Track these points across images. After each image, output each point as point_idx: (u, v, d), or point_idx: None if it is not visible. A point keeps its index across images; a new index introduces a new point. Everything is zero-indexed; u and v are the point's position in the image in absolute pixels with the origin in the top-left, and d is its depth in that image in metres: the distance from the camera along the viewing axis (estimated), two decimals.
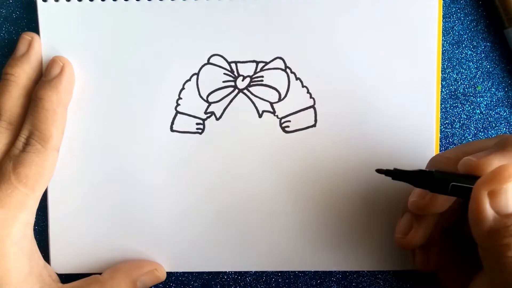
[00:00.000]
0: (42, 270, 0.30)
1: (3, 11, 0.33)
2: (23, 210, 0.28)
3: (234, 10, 0.31)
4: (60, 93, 0.30)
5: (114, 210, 0.32)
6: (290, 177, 0.32)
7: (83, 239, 0.32)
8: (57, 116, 0.29)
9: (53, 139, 0.29)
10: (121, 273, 0.31)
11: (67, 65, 0.31)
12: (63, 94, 0.30)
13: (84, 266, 0.32)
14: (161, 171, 0.32)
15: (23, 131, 0.29)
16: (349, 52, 0.31)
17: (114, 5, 0.31)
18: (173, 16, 0.31)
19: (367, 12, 0.31)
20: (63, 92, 0.30)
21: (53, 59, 0.31)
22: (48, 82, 0.30)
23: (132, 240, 0.32)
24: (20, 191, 0.28)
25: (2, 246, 0.27)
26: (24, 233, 0.29)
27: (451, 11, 0.33)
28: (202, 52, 0.32)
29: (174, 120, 0.32)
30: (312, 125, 0.32)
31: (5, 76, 0.30)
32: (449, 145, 0.33)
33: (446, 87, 0.33)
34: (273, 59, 0.32)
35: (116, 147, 0.32)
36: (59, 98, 0.30)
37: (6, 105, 0.30)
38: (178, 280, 0.33)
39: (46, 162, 0.29)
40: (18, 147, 0.29)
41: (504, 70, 0.33)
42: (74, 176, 0.32)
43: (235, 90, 0.32)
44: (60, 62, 0.30)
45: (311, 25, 0.31)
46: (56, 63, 0.30)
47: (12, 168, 0.28)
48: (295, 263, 0.32)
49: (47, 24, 0.31)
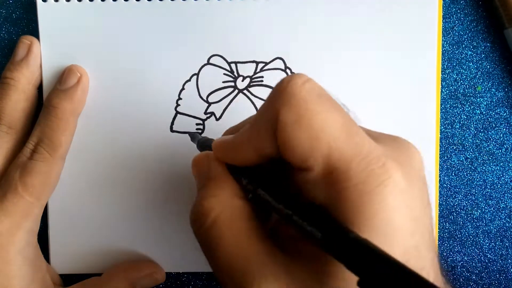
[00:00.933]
0: (45, 275, 0.30)
1: (3, 11, 0.33)
2: (28, 218, 0.28)
3: (234, 10, 0.31)
4: (75, 103, 0.30)
5: (114, 210, 0.32)
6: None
7: (83, 240, 0.32)
8: (68, 126, 0.29)
9: (62, 148, 0.29)
10: (120, 275, 0.31)
11: (84, 76, 0.30)
12: (77, 104, 0.30)
13: (84, 266, 0.32)
14: (161, 171, 0.32)
15: (32, 138, 0.29)
16: (348, 52, 0.31)
17: (114, 5, 0.31)
18: (173, 16, 0.31)
19: (367, 12, 0.31)
20: (77, 102, 0.30)
21: (70, 68, 0.31)
22: (63, 92, 0.30)
23: (132, 240, 0.32)
24: (26, 200, 0.28)
25: (6, 254, 0.28)
26: (28, 241, 0.29)
27: (451, 12, 0.33)
28: (202, 52, 0.32)
29: (174, 120, 0.32)
30: None
31: (4, 80, 0.30)
32: (449, 145, 0.33)
33: (446, 87, 0.33)
34: (273, 59, 0.32)
35: (116, 147, 0.32)
36: (73, 108, 0.30)
37: (5, 109, 0.29)
38: (178, 280, 0.33)
39: (52, 171, 0.29)
40: (25, 154, 0.29)
41: (504, 70, 0.33)
42: (74, 176, 0.32)
43: (235, 91, 0.32)
44: (78, 72, 0.30)
45: (311, 25, 0.31)
46: (73, 72, 0.30)
47: (19, 176, 0.28)
48: None
49: (46, 24, 0.31)
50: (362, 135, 0.19)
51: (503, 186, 0.33)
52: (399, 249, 0.18)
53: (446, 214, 0.33)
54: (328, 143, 0.19)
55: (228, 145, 0.22)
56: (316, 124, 0.19)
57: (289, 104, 0.19)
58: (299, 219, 0.19)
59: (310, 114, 0.19)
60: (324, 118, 0.19)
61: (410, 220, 0.18)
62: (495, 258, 0.34)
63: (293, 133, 0.19)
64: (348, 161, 0.18)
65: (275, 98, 0.20)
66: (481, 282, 0.34)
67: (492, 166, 0.33)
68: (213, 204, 0.21)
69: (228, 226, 0.21)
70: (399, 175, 0.18)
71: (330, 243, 0.18)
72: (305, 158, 0.19)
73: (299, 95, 0.19)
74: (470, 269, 0.34)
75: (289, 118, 0.19)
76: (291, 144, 0.19)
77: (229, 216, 0.21)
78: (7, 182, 0.28)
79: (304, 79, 0.20)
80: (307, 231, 0.19)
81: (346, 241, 0.17)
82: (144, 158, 0.32)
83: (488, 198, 0.33)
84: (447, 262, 0.34)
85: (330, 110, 0.20)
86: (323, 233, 0.18)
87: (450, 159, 0.33)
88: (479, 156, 0.33)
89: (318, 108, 0.19)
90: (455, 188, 0.33)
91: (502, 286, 0.34)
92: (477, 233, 0.34)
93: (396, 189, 0.18)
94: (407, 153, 0.21)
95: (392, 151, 0.20)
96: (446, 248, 0.34)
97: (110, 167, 0.32)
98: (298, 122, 0.19)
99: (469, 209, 0.33)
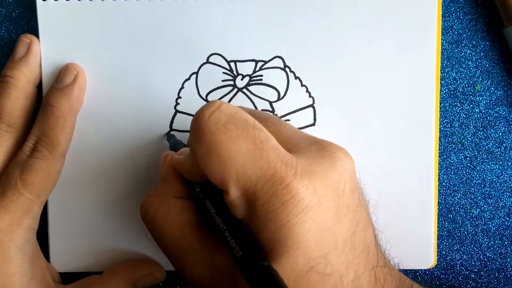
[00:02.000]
0: (45, 272, 0.30)
1: (3, 10, 0.33)
2: (28, 216, 0.28)
3: (234, 10, 0.31)
4: (72, 101, 0.30)
5: (114, 209, 0.32)
6: None
7: (82, 238, 0.32)
8: (66, 124, 0.29)
9: (61, 146, 0.29)
10: (120, 274, 0.31)
11: (80, 74, 0.31)
12: (74, 102, 0.30)
13: (84, 265, 0.32)
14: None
15: (31, 136, 0.29)
16: (348, 51, 0.31)
17: (113, 4, 0.31)
18: (172, 15, 0.31)
19: (366, 11, 0.31)
20: (74, 100, 0.30)
21: (66, 67, 0.31)
22: (60, 90, 0.30)
23: (132, 239, 0.32)
24: (26, 197, 0.28)
25: (5, 251, 0.28)
26: (28, 238, 0.29)
27: (450, 10, 0.33)
28: (201, 51, 0.32)
29: (173, 119, 0.32)
30: (311, 124, 0.32)
31: (4, 79, 0.30)
32: (448, 144, 0.33)
33: (445, 86, 0.33)
34: (272, 58, 0.32)
35: (116, 146, 0.32)
36: (70, 106, 0.30)
37: (5, 107, 0.29)
38: (178, 279, 0.33)
39: (52, 168, 0.29)
40: (25, 152, 0.29)
41: (503, 69, 0.33)
42: (74, 176, 0.32)
43: (235, 89, 0.32)
44: (74, 70, 0.30)
45: (310, 24, 0.31)
46: (69, 70, 0.30)
47: (19, 174, 0.28)
48: None
49: (46, 23, 0.31)
50: (268, 158, 0.21)
51: (502, 184, 0.33)
52: (302, 258, 0.21)
53: (445, 212, 0.33)
54: (235, 169, 0.21)
55: (180, 164, 0.26)
56: (222, 154, 0.21)
57: (199, 138, 0.22)
58: (229, 236, 0.22)
59: (216, 145, 0.22)
60: (229, 148, 0.21)
61: (317, 231, 0.21)
62: (494, 256, 0.34)
63: (206, 163, 0.22)
64: (254, 184, 0.21)
65: (191, 132, 0.23)
66: (480, 281, 0.34)
67: (491, 165, 0.33)
68: (153, 202, 0.25)
69: (164, 221, 0.25)
70: (305, 193, 0.21)
71: (244, 265, 0.21)
72: (220, 184, 0.22)
73: (206, 128, 0.22)
74: (469, 268, 0.34)
75: (200, 151, 0.22)
76: (208, 173, 0.22)
77: (165, 212, 0.25)
78: (7, 179, 0.28)
79: (212, 110, 0.22)
80: (232, 248, 0.22)
81: (257, 268, 0.20)
82: (144, 157, 0.32)
83: (487, 197, 0.33)
84: (446, 261, 0.34)
85: (235, 138, 0.22)
86: (242, 255, 0.21)
87: (449, 157, 0.33)
88: (478, 154, 0.33)
89: (223, 138, 0.22)
90: (454, 186, 0.33)
91: (501, 285, 0.34)
92: (476, 231, 0.34)
93: (298, 207, 0.21)
94: (326, 163, 0.23)
95: (309, 165, 0.22)
96: (445, 246, 0.34)
97: (110, 166, 0.32)
98: (208, 154, 0.22)
99: (468, 207, 0.33)
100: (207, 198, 0.24)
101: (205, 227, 0.25)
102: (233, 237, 0.22)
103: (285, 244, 0.21)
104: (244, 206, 0.22)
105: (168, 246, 0.25)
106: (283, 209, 0.21)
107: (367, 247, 0.23)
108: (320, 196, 0.21)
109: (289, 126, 0.25)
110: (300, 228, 0.21)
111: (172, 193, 0.26)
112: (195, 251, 0.24)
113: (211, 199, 0.24)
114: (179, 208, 0.25)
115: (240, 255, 0.21)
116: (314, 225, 0.21)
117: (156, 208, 0.25)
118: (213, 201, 0.24)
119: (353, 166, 0.24)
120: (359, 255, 0.22)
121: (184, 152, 0.27)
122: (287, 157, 0.22)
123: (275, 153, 0.22)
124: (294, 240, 0.21)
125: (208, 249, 0.24)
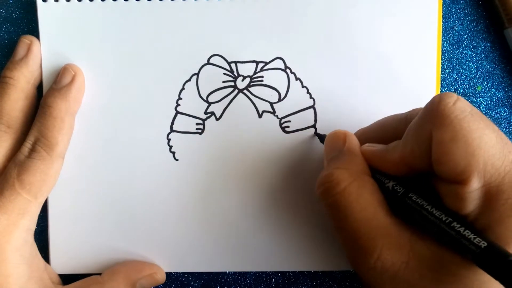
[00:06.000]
0: (43, 273, 0.30)
1: (3, 11, 0.33)
2: (25, 217, 0.28)
3: (234, 10, 0.31)
4: (70, 102, 0.30)
5: (113, 210, 0.32)
6: (290, 177, 0.32)
7: (83, 240, 0.32)
8: (64, 124, 0.29)
9: (58, 147, 0.29)
10: (120, 275, 0.31)
11: (78, 74, 0.31)
12: (72, 103, 0.30)
13: (84, 266, 0.32)
14: (161, 171, 0.32)
15: (29, 137, 0.29)
16: (348, 52, 0.31)
17: (113, 5, 0.31)
18: (173, 16, 0.31)
19: (367, 12, 0.31)
20: (72, 101, 0.30)
21: (64, 67, 0.31)
22: (58, 91, 0.30)
23: (132, 240, 0.32)
24: (23, 197, 0.28)
25: (2, 252, 0.27)
26: (25, 239, 0.29)
27: (451, 11, 0.33)
28: (202, 52, 0.32)
29: (174, 120, 0.32)
30: (312, 125, 0.32)
31: (4, 80, 0.30)
32: None
33: (446, 87, 0.33)
34: (273, 59, 0.32)
35: (116, 147, 0.32)
36: (67, 106, 0.30)
37: (4, 108, 0.29)
38: (178, 280, 0.33)
39: (50, 169, 0.29)
40: (23, 152, 0.29)
41: (504, 70, 0.33)
42: (74, 177, 0.32)
43: (235, 90, 0.32)
44: (72, 71, 0.30)
45: (310, 25, 0.31)
46: (67, 71, 0.30)
47: (17, 174, 0.28)
48: (295, 263, 0.32)
49: (46, 24, 0.31)
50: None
51: None
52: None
53: None
54: (484, 159, 0.21)
55: (378, 155, 0.25)
56: (472, 141, 0.21)
57: (444, 124, 0.21)
58: (460, 227, 0.21)
59: (465, 132, 0.21)
60: (480, 136, 0.21)
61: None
62: None
63: (449, 150, 0.21)
64: (502, 176, 0.20)
65: (428, 118, 0.22)
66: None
67: None
68: (344, 175, 0.24)
69: (357, 196, 0.24)
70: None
71: (487, 260, 0.19)
72: (460, 173, 0.21)
73: (452, 115, 0.21)
74: None
75: (445, 137, 0.21)
76: (448, 160, 0.21)
77: (358, 187, 0.24)
78: (4, 179, 0.28)
79: (455, 99, 0.22)
80: (460, 242, 0.20)
81: (506, 263, 0.19)
82: (145, 158, 0.32)
83: None
84: None
85: (484, 127, 0.21)
86: (482, 250, 0.20)
87: None
88: None
89: (473, 126, 0.21)
90: None
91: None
92: None
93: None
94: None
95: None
96: None
97: (110, 167, 0.32)
98: (455, 140, 0.21)
99: None
100: (410, 191, 0.23)
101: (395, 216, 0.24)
102: (467, 228, 0.21)
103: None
104: (479, 200, 0.21)
105: (357, 222, 0.23)
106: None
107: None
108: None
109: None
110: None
111: (364, 171, 0.25)
112: (390, 234, 0.23)
113: (415, 192, 0.23)
114: (373, 187, 0.24)
115: (477, 251, 0.20)
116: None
117: (349, 181, 0.24)
118: (419, 194, 0.23)
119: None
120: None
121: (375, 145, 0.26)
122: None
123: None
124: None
125: (408, 235, 0.23)
